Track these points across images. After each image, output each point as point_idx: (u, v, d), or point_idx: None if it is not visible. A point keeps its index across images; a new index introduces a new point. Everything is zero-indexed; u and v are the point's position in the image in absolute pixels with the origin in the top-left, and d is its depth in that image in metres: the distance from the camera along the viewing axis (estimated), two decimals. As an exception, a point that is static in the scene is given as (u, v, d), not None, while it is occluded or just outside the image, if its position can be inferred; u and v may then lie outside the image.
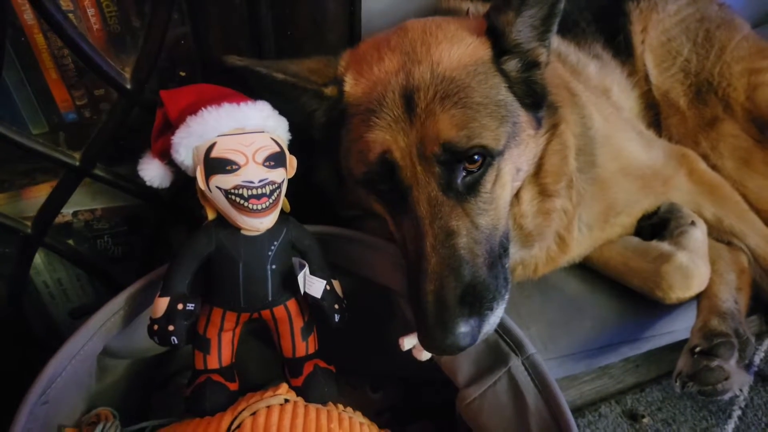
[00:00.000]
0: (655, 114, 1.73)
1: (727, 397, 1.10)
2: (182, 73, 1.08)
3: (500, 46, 1.03)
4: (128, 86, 1.02)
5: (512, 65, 1.05)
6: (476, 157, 0.97)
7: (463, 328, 0.87)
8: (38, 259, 1.25)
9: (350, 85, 1.04)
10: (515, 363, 1.00)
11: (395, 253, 1.08)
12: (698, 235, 1.31)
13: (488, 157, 0.98)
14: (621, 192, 1.36)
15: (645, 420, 1.57)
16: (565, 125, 1.16)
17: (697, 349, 1.12)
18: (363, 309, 1.06)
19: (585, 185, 1.28)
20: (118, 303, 0.99)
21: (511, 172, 1.05)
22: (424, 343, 0.92)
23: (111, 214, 1.26)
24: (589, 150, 1.29)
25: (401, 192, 0.98)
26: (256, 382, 1.21)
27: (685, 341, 1.24)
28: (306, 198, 1.10)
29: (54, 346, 0.93)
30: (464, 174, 0.97)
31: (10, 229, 1.12)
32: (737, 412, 1.56)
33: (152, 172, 0.99)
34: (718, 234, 1.41)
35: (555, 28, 1.05)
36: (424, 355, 0.99)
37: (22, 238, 1.13)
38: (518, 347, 1.01)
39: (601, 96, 1.52)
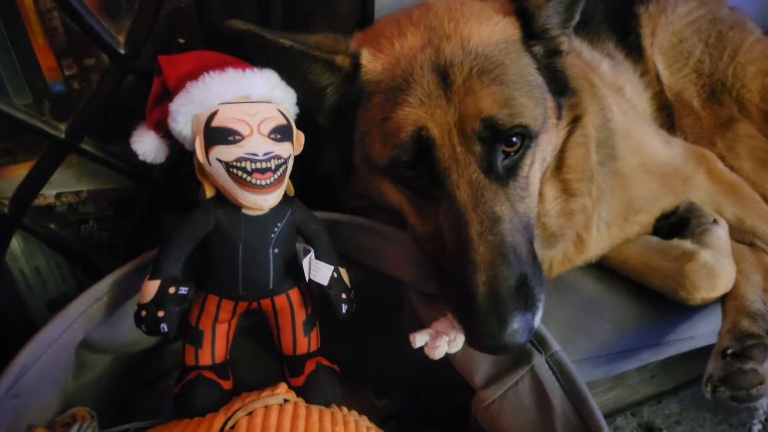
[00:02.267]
0: (667, 115, 1.68)
1: (760, 403, 1.02)
2: (181, 40, 1.00)
3: (529, 28, 0.99)
4: (122, 51, 0.94)
5: (537, 50, 1.01)
6: (515, 139, 0.91)
7: (520, 322, 0.80)
8: (15, 244, 1.15)
9: (368, 59, 0.97)
10: (539, 361, 0.93)
11: (407, 242, 1.01)
12: (721, 233, 1.25)
13: (527, 138, 0.93)
14: (641, 189, 1.30)
15: (663, 433, 1.49)
16: (588, 116, 1.11)
17: (729, 351, 1.04)
18: (368, 305, 0.98)
19: (605, 179, 1.23)
20: (101, 288, 0.90)
21: (540, 159, 1.00)
22: (475, 341, 0.84)
23: (97, 197, 1.16)
24: (610, 142, 1.24)
25: (436, 177, 0.91)
26: (248, 383, 1.12)
27: (705, 348, 1.17)
28: (309, 186, 1.03)
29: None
30: (503, 156, 0.91)
31: (-16, 207, 1.02)
32: (757, 426, 1.49)
33: (146, 144, 0.91)
34: (739, 235, 1.35)
35: (578, 15, 1.03)
36: (438, 353, 0.90)
37: (-2, 218, 1.03)
38: (541, 344, 0.94)
39: (616, 93, 1.47)
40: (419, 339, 0.91)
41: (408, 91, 0.91)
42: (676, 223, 1.34)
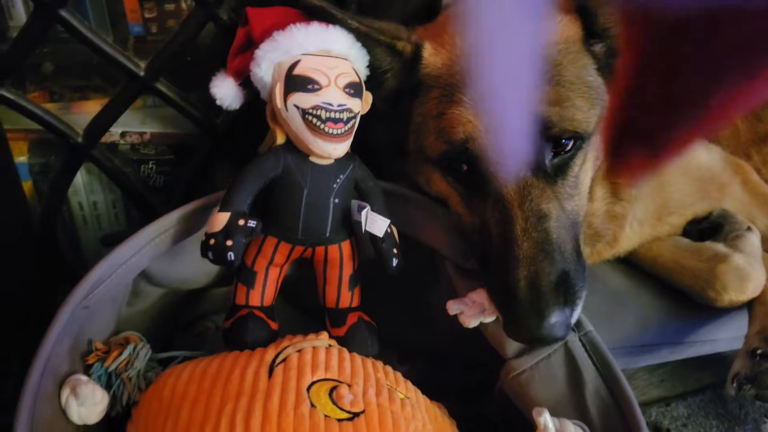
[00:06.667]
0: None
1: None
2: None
3: (590, 27, 1.00)
4: (209, -2, 0.98)
5: (599, 49, 1.01)
6: (565, 141, 0.93)
7: (559, 317, 0.83)
8: (78, 177, 1.20)
9: (429, 53, 0.99)
10: (572, 338, 0.96)
11: (445, 215, 1.04)
12: (755, 240, 1.28)
13: (578, 140, 0.94)
14: (678, 191, 1.33)
15: (671, 434, 1.52)
16: None
17: (759, 351, 1.07)
18: (403, 274, 1.00)
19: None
20: (169, 220, 0.93)
21: (593, 159, 1.01)
22: (514, 333, 0.87)
23: (159, 140, 1.21)
24: None
25: (484, 173, 0.93)
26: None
27: (714, 359, 1.24)
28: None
29: (80, 275, 0.86)
30: (552, 155, 0.93)
31: (61, 134, 1.06)
32: (766, 433, 1.51)
33: (225, 90, 0.95)
34: (770, 247, 1.38)
35: None
36: (472, 322, 0.95)
37: (71, 146, 1.08)
38: (575, 323, 0.96)
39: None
40: (455, 307, 0.95)
41: (463, 90, 0.93)
42: (708, 228, 1.37)
